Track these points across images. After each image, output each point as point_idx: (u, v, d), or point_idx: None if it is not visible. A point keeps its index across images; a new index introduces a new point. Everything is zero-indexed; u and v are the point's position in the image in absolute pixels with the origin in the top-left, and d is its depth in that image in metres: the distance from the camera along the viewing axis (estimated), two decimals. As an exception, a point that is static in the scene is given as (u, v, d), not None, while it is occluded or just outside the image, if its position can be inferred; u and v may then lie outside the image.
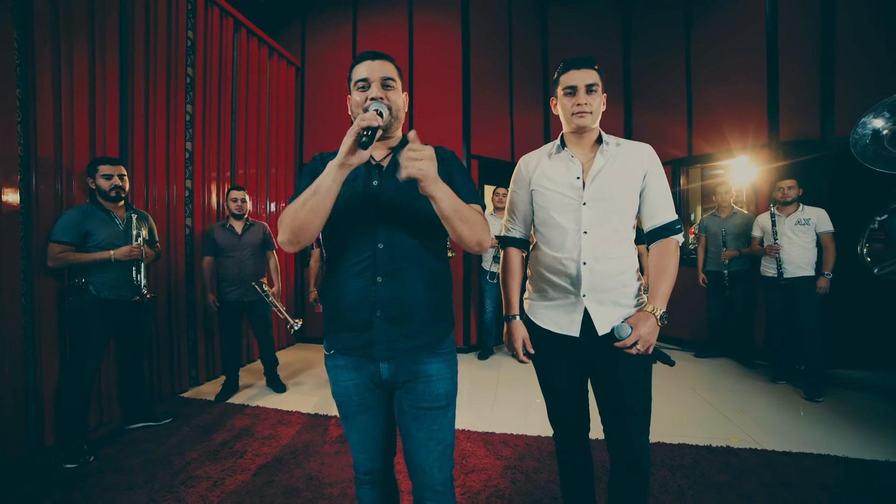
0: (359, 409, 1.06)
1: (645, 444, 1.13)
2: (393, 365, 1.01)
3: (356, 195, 1.02)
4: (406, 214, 1.00)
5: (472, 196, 1.04)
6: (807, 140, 3.23)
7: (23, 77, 1.97)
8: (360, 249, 1.00)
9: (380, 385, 1.05)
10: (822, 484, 1.73)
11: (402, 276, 0.99)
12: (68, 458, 1.91)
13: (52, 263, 1.99)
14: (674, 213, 1.19)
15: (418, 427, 1.03)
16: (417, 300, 1.00)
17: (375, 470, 1.11)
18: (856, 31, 3.14)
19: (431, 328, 1.03)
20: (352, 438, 1.10)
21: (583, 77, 1.19)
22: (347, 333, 1.03)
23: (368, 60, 1.04)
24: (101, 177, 2.07)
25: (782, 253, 2.78)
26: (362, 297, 0.99)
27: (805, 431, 2.22)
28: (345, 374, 1.05)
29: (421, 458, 1.03)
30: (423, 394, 1.02)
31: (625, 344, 1.08)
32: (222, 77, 3.26)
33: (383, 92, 1.01)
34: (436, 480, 1.03)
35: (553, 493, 1.70)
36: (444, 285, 1.07)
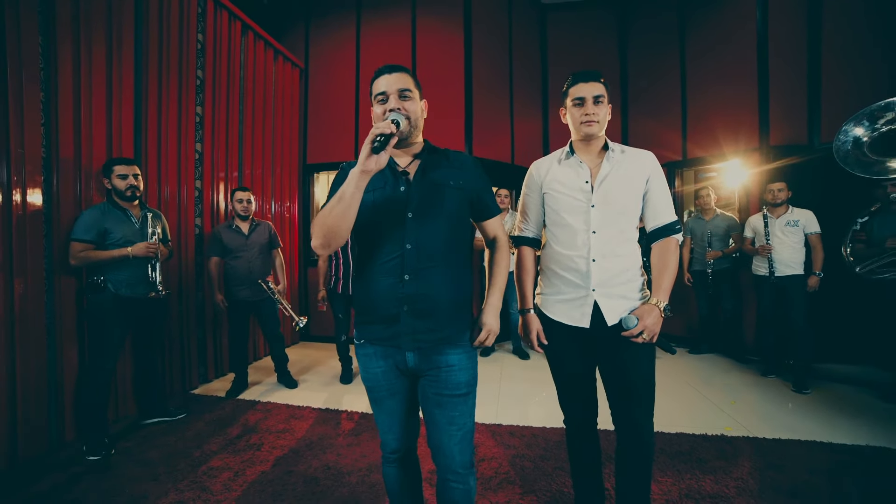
0: (387, 393, 1.16)
1: (649, 424, 1.24)
2: (418, 355, 1.10)
3: (385, 200, 1.11)
4: (431, 218, 1.09)
5: (497, 207, 1.26)
6: (795, 145, 3.39)
7: (45, 80, 2.02)
8: (389, 250, 1.10)
9: (405, 373, 1.14)
10: (809, 467, 1.86)
11: (427, 274, 1.08)
12: (91, 451, 1.96)
13: (75, 261, 2.04)
14: (674, 215, 1.30)
15: (441, 413, 1.11)
16: (441, 296, 1.09)
17: (400, 449, 1.20)
18: (840, 43, 3.30)
19: (453, 322, 1.12)
20: (380, 420, 1.19)
21: (590, 89, 1.29)
22: (377, 325, 1.12)
23: (386, 74, 1.12)
24: (116, 177, 2.13)
25: (773, 253, 2.92)
26: (391, 293, 1.08)
27: (793, 420, 2.35)
28: (374, 362, 1.15)
29: (443, 441, 1.12)
30: (446, 382, 1.10)
31: (632, 333, 1.19)
32: (231, 79, 3.32)
33: (400, 103, 1.10)
34: (457, 463, 1.12)
35: (560, 478, 1.80)
36: (465, 283, 1.16)
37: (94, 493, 1.70)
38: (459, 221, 1.15)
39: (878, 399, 2.66)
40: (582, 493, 1.43)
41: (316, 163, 4.56)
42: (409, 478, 1.25)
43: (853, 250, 2.70)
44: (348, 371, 3.18)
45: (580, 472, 1.42)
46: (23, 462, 1.88)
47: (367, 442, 2.16)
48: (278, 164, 4.02)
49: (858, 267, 2.64)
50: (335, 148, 4.46)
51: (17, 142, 1.88)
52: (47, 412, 2.02)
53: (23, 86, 1.89)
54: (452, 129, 4.12)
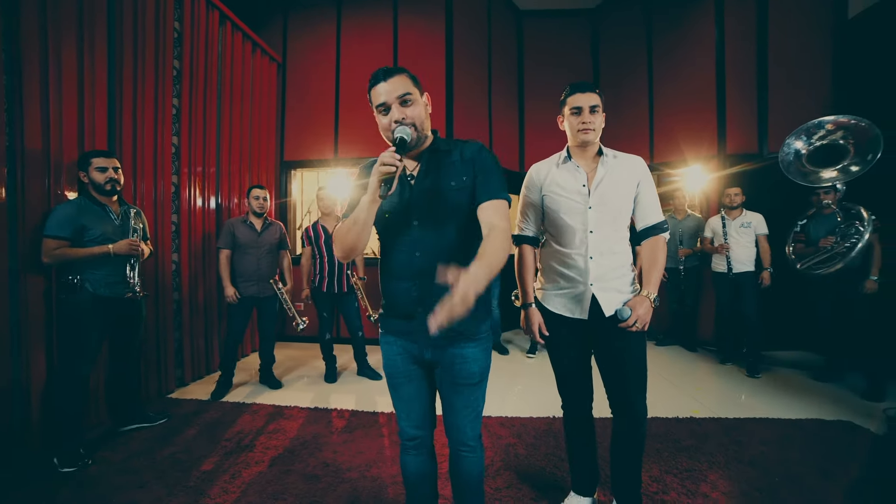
0: (404, 379, 1.21)
1: (643, 404, 1.37)
2: (434, 349, 1.16)
3: (391, 209, 1.16)
4: (436, 224, 1.12)
5: (493, 190, 1.09)
6: (748, 154, 3.74)
7: (8, 62, 1.87)
8: (400, 256, 1.15)
9: (422, 363, 1.20)
10: (763, 439, 2.11)
11: (439, 276, 1.12)
12: (65, 463, 1.84)
13: (48, 259, 1.90)
14: (661, 215, 1.44)
15: (456, 398, 1.19)
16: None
17: (417, 437, 1.25)
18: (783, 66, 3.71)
19: (468, 320, 1.10)
20: (398, 406, 1.25)
21: (587, 99, 1.40)
22: (397, 320, 1.19)
23: (382, 82, 1.07)
24: (94, 170, 2.01)
25: (731, 251, 3.22)
26: (406, 294, 1.14)
27: (749, 401, 2.63)
28: (394, 349, 1.21)
29: (458, 420, 1.20)
30: (460, 372, 1.16)
31: (627, 323, 1.31)
32: (208, 71, 3.19)
33: (403, 111, 1.07)
34: (468, 436, 1.20)
35: (554, 462, 1.92)
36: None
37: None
38: (468, 221, 1.13)
39: (812, 379, 3.03)
40: (578, 472, 1.54)
41: (294, 160, 4.46)
42: (427, 467, 1.29)
43: (794, 249, 3.04)
44: (333, 370, 3.16)
45: (577, 454, 1.53)
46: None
47: (362, 439, 2.18)
48: (255, 160, 3.90)
49: (799, 264, 2.97)
50: (314, 145, 4.39)
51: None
52: (10, 421, 1.87)
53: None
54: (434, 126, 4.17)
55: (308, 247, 3.08)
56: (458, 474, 1.25)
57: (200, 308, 3.13)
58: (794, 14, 3.72)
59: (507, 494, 1.68)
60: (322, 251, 3.01)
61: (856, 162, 2.33)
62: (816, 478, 1.79)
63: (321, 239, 3.02)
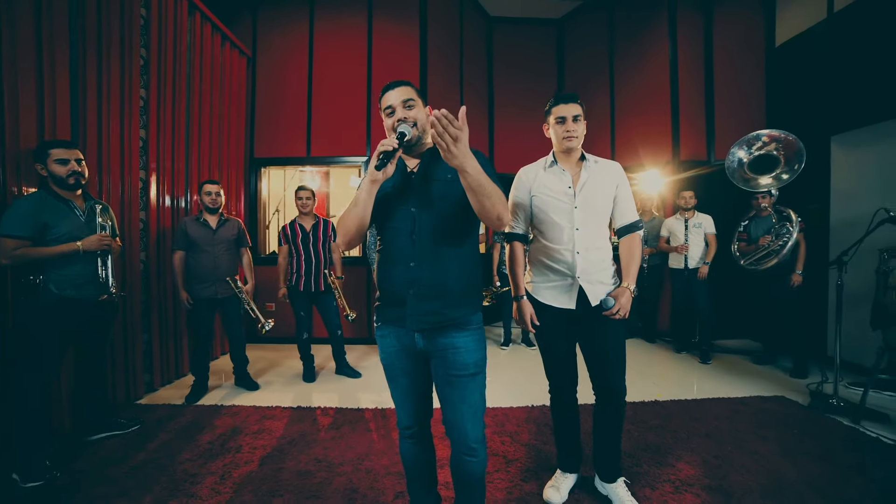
0: (400, 371, 1.27)
1: (622, 384, 1.52)
2: (425, 337, 1.21)
3: (393, 198, 1.23)
4: (432, 211, 1.20)
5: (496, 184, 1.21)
6: (698, 160, 4.13)
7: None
8: (399, 241, 1.22)
9: (415, 353, 1.24)
10: (716, 415, 2.38)
11: (432, 261, 1.19)
12: (28, 477, 1.71)
13: (6, 260, 1.73)
14: (636, 215, 1.60)
15: (452, 392, 1.23)
16: (444, 283, 1.19)
17: (413, 426, 1.31)
18: (725, 83, 4.13)
19: (458, 307, 1.21)
20: (395, 397, 1.31)
21: (570, 109, 1.54)
22: (389, 308, 1.25)
23: (390, 91, 1.22)
24: (54, 162, 1.84)
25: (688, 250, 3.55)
26: (400, 279, 1.21)
27: (703, 384, 2.93)
28: (389, 342, 1.27)
29: (456, 418, 1.23)
30: (454, 363, 1.21)
31: (610, 312, 1.46)
32: (177, 62, 3.05)
33: (406, 112, 1.20)
34: (470, 438, 1.22)
35: (537, 446, 2.05)
36: (471, 271, 1.26)
37: (55, 516, 1.53)
38: (462, 211, 1.19)
39: (753, 363, 3.43)
40: (564, 451, 1.68)
41: (264, 157, 4.34)
42: (424, 454, 1.36)
43: (738, 247, 3.41)
44: (310, 369, 3.13)
45: (563, 434, 1.67)
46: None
47: (350, 435, 2.20)
48: (224, 156, 3.76)
49: (743, 260, 3.34)
50: (285, 143, 4.29)
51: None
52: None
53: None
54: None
55: (285, 245, 3.02)
56: (459, 476, 1.27)
57: (169, 309, 2.98)
58: (734, 39, 4.16)
59: (498, 478, 1.79)
60: (299, 250, 2.97)
61: (786, 171, 2.68)
62: (759, 442, 2.06)
63: (298, 237, 2.98)
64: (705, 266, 3.51)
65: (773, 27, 4.06)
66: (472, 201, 1.09)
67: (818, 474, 1.78)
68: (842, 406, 2.39)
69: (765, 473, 1.79)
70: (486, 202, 1.08)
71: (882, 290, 2.26)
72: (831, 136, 3.48)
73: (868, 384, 2.32)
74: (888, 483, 1.71)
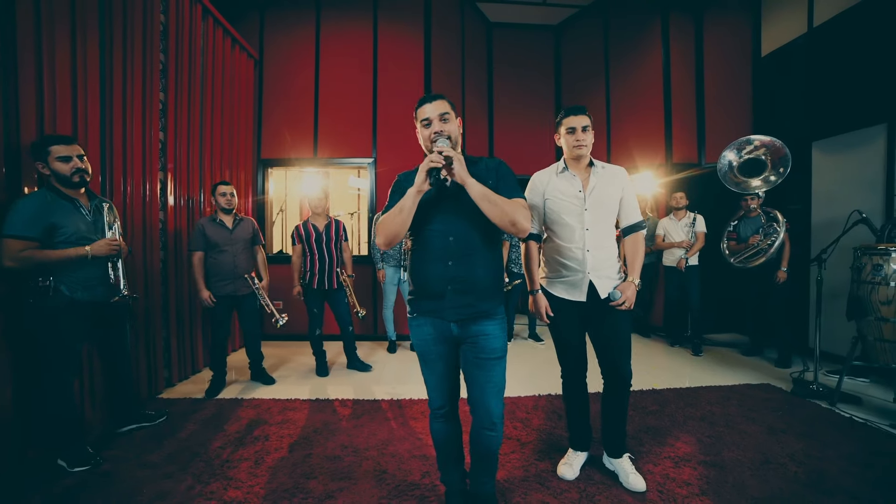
0: (436, 357, 1.42)
1: (629, 368, 1.69)
2: (459, 325, 1.37)
3: (431, 204, 1.37)
4: (465, 216, 1.34)
5: (511, 191, 1.35)
6: (690, 163, 4.35)
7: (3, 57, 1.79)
8: (436, 242, 1.37)
9: (449, 340, 1.40)
10: (709, 401, 2.57)
11: (467, 260, 1.35)
12: (74, 462, 1.82)
13: (13, 263, 1.67)
14: (640, 215, 1.77)
15: (479, 372, 1.38)
16: (477, 279, 1.35)
17: (445, 406, 1.46)
18: (715, 90, 4.35)
19: (488, 300, 1.38)
20: (428, 381, 1.45)
21: (579, 121, 1.70)
22: (425, 301, 1.39)
23: (427, 104, 1.36)
24: (55, 160, 1.77)
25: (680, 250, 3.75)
26: (439, 275, 1.35)
27: (696, 374, 3.13)
28: (425, 330, 1.41)
29: (481, 396, 1.38)
30: (483, 347, 1.37)
31: (618, 303, 1.62)
32: (192, 65, 3.13)
33: (442, 125, 1.34)
34: (493, 414, 1.38)
35: (547, 430, 2.21)
36: (497, 268, 1.43)
37: (105, 498, 1.63)
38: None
39: (741, 355, 3.65)
40: (575, 431, 1.84)
41: (271, 158, 4.43)
42: (454, 432, 1.51)
43: (728, 246, 3.62)
44: (323, 364, 3.24)
45: (574, 415, 1.83)
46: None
47: (370, 424, 2.33)
48: (234, 157, 3.84)
49: (733, 259, 3.56)
50: (292, 144, 4.39)
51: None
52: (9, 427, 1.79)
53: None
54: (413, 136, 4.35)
55: (299, 245, 3.13)
56: (478, 448, 1.43)
57: (185, 307, 3.07)
58: (723, 48, 4.38)
59: (514, 458, 1.94)
60: (313, 249, 3.09)
61: (773, 174, 2.89)
62: (747, 423, 2.26)
63: (312, 237, 3.09)
64: (683, 260, 3.71)
65: (759, 38, 4.29)
66: (483, 210, 1.26)
67: (799, 449, 1.97)
68: (821, 391, 2.60)
69: (753, 449, 1.98)
70: (493, 210, 1.26)
71: (856, 284, 2.48)
72: (812, 141, 3.71)
73: (843, 371, 2.54)
74: (857, 455, 1.92)
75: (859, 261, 2.48)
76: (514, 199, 1.33)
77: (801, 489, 1.67)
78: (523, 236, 1.44)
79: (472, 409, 1.43)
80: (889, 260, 2.30)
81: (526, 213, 1.32)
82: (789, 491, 1.66)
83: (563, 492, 1.67)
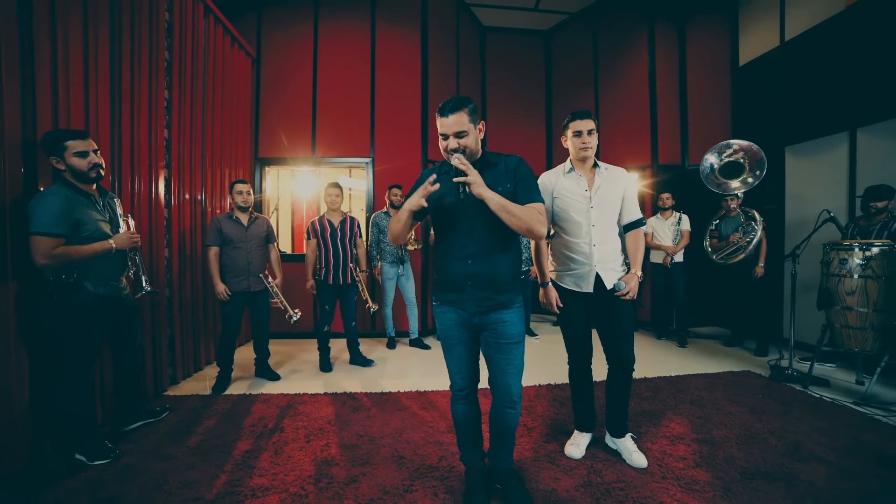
0: (457, 341, 1.53)
1: (632, 354, 1.83)
2: (479, 315, 1.49)
3: (452, 206, 1.49)
4: (483, 218, 1.44)
5: (529, 195, 1.44)
6: (674, 165, 4.59)
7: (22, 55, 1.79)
8: (457, 241, 1.49)
9: (470, 327, 1.52)
10: (697, 387, 2.78)
11: (485, 259, 1.47)
12: (94, 456, 1.84)
13: (46, 260, 1.68)
14: (640, 213, 1.92)
15: (499, 356, 1.51)
16: (495, 274, 1.47)
17: (466, 388, 1.57)
18: (697, 96, 4.61)
19: (505, 292, 1.49)
20: (450, 364, 1.57)
21: (585, 124, 1.84)
22: (450, 293, 1.51)
23: (447, 116, 1.41)
24: (73, 155, 1.77)
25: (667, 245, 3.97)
26: (459, 271, 1.48)
27: (683, 364, 3.34)
28: (448, 317, 1.53)
29: (502, 377, 1.51)
30: (502, 333, 1.49)
31: (622, 294, 1.76)
32: (194, 63, 3.13)
33: (458, 142, 1.42)
34: (513, 393, 1.51)
35: (551, 416, 2.35)
36: (514, 264, 1.55)
37: (133, 488, 1.66)
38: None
39: (723, 345, 3.90)
40: (580, 414, 1.97)
41: (269, 156, 4.43)
42: (475, 413, 1.62)
43: (710, 244, 3.86)
44: (327, 360, 3.29)
45: (580, 399, 1.96)
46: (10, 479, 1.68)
47: (381, 414, 2.41)
48: (233, 155, 3.84)
49: (715, 255, 3.80)
50: (290, 144, 4.40)
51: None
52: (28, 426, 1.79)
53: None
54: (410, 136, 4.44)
55: (313, 239, 3.18)
56: (498, 426, 1.55)
57: (188, 305, 3.07)
58: (704, 57, 4.65)
59: (523, 441, 2.06)
60: (327, 244, 3.14)
61: (751, 176, 3.12)
62: (732, 405, 2.46)
63: (327, 232, 3.15)
64: (668, 257, 3.94)
65: (737, 49, 4.57)
66: (502, 219, 1.36)
67: (778, 426, 2.18)
68: (795, 376, 2.84)
69: (738, 427, 2.17)
70: (511, 220, 1.35)
71: (825, 277, 2.72)
72: (785, 146, 4.00)
73: (814, 358, 2.79)
74: (826, 428, 2.15)
75: (828, 255, 2.72)
76: (530, 206, 1.41)
77: (780, 458, 1.86)
78: (540, 240, 1.56)
79: (492, 389, 1.55)
80: (853, 254, 2.54)
81: (542, 218, 1.41)
82: (771, 460, 1.84)
83: (572, 469, 1.81)
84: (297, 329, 4.33)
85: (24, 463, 1.75)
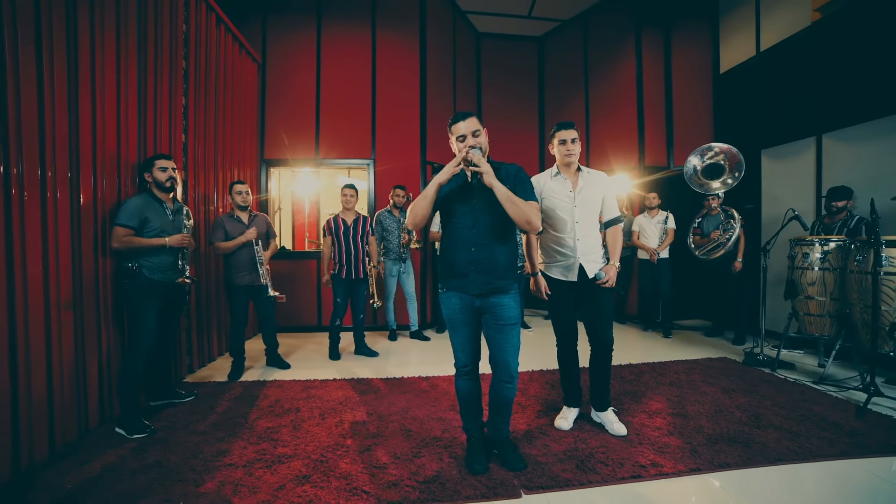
0: (462, 322, 1.76)
1: (611, 335, 2.07)
2: (480, 299, 1.71)
3: (460, 199, 1.71)
4: (487, 210, 1.68)
5: (527, 195, 1.65)
6: (660, 166, 4.85)
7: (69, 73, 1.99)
8: (462, 231, 1.71)
9: (473, 309, 1.74)
10: (676, 371, 3.03)
11: (486, 247, 1.69)
12: (133, 430, 2.06)
13: (117, 245, 2.15)
14: (619, 211, 2.15)
15: (498, 336, 1.73)
16: (495, 262, 1.69)
17: (469, 364, 1.80)
18: (681, 101, 4.87)
19: (504, 279, 1.71)
20: (455, 343, 1.79)
21: (569, 134, 2.07)
22: (455, 279, 1.73)
23: (461, 122, 1.65)
24: (158, 170, 2.30)
25: (653, 243, 4.23)
26: (464, 258, 1.70)
27: (665, 352, 3.60)
28: (453, 301, 1.75)
29: (505, 355, 1.73)
30: (501, 316, 1.71)
31: (602, 282, 2.00)
32: (207, 70, 3.33)
33: (475, 140, 1.65)
34: (511, 368, 1.74)
35: (542, 396, 2.58)
36: (511, 254, 1.76)
37: (173, 455, 1.87)
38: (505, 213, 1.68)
39: (704, 336, 4.17)
40: (568, 390, 2.21)
41: (274, 158, 4.63)
42: (476, 389, 1.84)
43: (693, 241, 4.12)
44: (336, 350, 3.50)
45: (567, 376, 2.20)
46: (61, 448, 1.88)
47: (388, 396, 2.63)
48: (241, 156, 4.03)
49: (697, 251, 4.06)
50: (294, 145, 4.60)
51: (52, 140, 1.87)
52: (76, 399, 2.01)
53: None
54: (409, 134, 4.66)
55: (329, 236, 3.41)
56: (497, 399, 1.78)
57: (203, 298, 3.26)
58: (688, 63, 4.91)
59: (517, 418, 2.29)
60: (340, 242, 3.37)
61: (731, 177, 3.37)
62: (706, 386, 2.71)
63: (340, 230, 3.38)
64: (656, 254, 4.19)
65: (718, 56, 4.85)
66: (506, 209, 1.59)
67: (744, 402, 2.44)
68: (765, 360, 3.11)
69: (710, 403, 2.43)
70: (514, 209, 1.57)
71: (791, 269, 2.98)
72: (762, 149, 4.27)
73: (781, 343, 3.06)
74: (786, 403, 2.42)
75: (793, 250, 2.98)
76: (529, 202, 1.63)
77: (742, 427, 2.12)
78: (535, 233, 1.78)
79: (493, 366, 1.77)
80: (813, 249, 2.81)
81: (539, 213, 1.65)
82: (734, 429, 2.10)
83: (560, 438, 2.04)
84: (303, 323, 4.55)
85: (74, 434, 1.98)
